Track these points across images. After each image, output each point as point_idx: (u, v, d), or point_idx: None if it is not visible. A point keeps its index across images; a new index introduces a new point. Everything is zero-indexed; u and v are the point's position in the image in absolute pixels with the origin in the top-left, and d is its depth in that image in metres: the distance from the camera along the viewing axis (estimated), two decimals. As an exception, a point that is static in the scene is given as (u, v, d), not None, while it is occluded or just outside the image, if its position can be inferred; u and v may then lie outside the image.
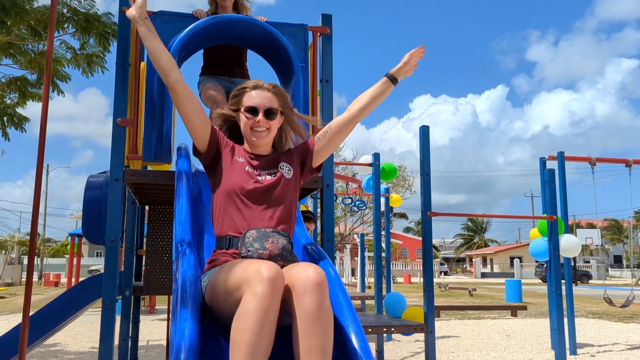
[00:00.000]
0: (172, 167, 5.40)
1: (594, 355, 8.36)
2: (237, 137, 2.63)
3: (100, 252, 57.60)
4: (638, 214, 60.82)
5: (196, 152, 2.50)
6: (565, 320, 7.06)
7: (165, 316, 13.27)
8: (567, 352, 7.22)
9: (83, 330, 11.34)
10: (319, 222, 4.79)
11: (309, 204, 10.24)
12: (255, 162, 2.46)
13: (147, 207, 5.40)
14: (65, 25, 6.94)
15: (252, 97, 2.48)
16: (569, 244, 6.83)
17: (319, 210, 4.15)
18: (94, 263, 48.41)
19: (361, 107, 2.49)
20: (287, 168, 2.47)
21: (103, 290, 3.40)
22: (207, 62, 4.39)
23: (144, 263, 4.86)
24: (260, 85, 2.52)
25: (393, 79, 2.53)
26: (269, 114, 2.46)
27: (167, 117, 3.42)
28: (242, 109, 2.48)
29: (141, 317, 12.43)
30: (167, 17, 3.71)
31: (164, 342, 9.32)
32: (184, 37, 3.46)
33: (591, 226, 47.19)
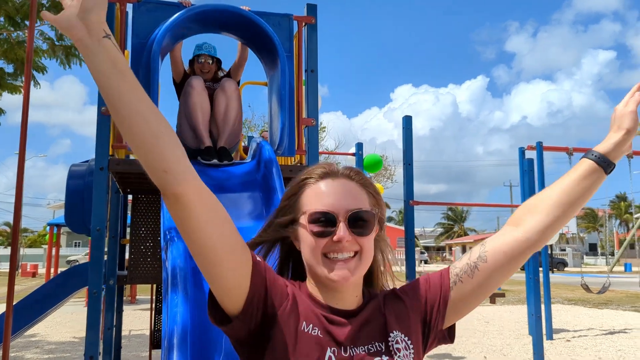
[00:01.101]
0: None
1: (569, 340, 8.59)
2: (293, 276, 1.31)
3: (79, 243, 56.96)
4: (613, 203, 62.13)
5: (218, 314, 1.10)
6: (542, 306, 7.24)
7: (146, 306, 13.24)
8: (544, 337, 7.41)
9: (63, 320, 11.27)
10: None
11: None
12: (340, 332, 1.13)
13: (129, 197, 5.39)
14: (43, 14, 6.81)
15: (323, 194, 1.18)
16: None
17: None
18: (73, 253, 47.89)
19: (550, 223, 1.22)
20: (404, 343, 1.17)
21: (89, 279, 3.41)
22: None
23: (127, 252, 4.86)
24: (335, 171, 1.22)
25: (606, 163, 1.24)
26: (358, 223, 1.15)
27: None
28: (303, 219, 1.16)
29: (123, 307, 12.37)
30: (151, 5, 3.69)
31: (146, 332, 9.33)
32: (170, 25, 3.46)
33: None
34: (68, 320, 11.20)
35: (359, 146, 7.38)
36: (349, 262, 1.12)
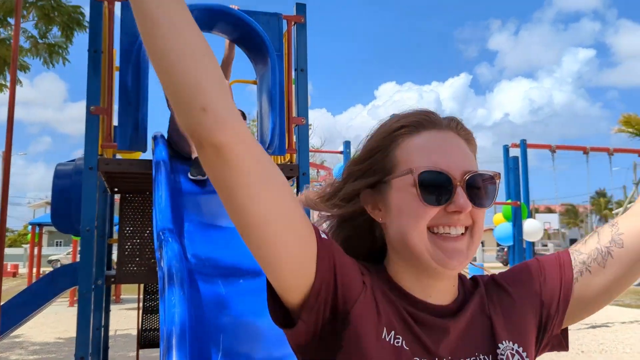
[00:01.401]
0: (141, 155, 5.38)
1: (553, 335, 8.74)
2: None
3: (61, 242, 56.25)
4: (593, 199, 63.11)
5: (280, 313, 0.82)
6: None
7: (131, 305, 13.15)
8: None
9: (47, 321, 11.14)
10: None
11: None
12: (435, 340, 0.83)
13: (116, 196, 5.36)
14: (25, 13, 6.73)
15: (429, 149, 0.87)
16: (532, 229, 7.11)
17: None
18: (54, 253, 47.28)
19: None
20: (518, 357, 0.87)
21: (79, 279, 3.39)
22: None
23: (116, 252, 4.83)
24: (438, 120, 0.91)
25: None
26: (477, 190, 0.86)
27: (143, 105, 3.41)
28: (402, 181, 0.86)
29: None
30: (140, 3, 3.67)
31: (132, 332, 9.28)
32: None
33: (549, 211, 48.83)
34: (52, 321, 11.08)
35: (347, 144, 7.42)
36: (461, 241, 0.83)
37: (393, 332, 0.79)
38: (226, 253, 2.67)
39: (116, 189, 4.77)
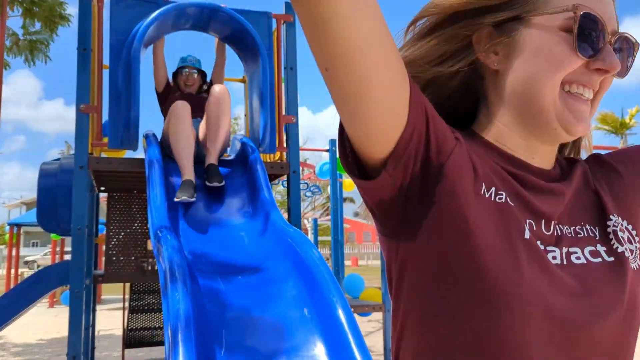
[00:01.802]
0: (126, 153, 5.35)
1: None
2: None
3: (37, 243, 55.29)
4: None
5: (357, 164, 0.69)
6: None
7: (113, 306, 13.03)
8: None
9: (28, 322, 10.98)
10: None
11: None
12: (541, 200, 0.74)
13: (101, 195, 5.33)
14: (8, 9, 6.63)
15: None
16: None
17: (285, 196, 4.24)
18: (31, 254, 46.47)
19: None
20: (628, 233, 0.78)
21: (71, 279, 3.38)
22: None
23: (103, 251, 4.80)
24: None
25: None
26: (622, 54, 0.74)
27: (135, 103, 3.40)
28: (549, 20, 0.71)
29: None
30: (130, 1, 3.66)
31: (115, 332, 9.21)
32: (150, 22, 3.44)
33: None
34: (33, 322, 10.92)
35: (333, 142, 7.46)
36: (587, 107, 0.73)
37: (494, 189, 0.69)
38: (223, 250, 2.69)
39: (102, 188, 4.75)
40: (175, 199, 3.06)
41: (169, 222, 2.61)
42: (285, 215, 3.41)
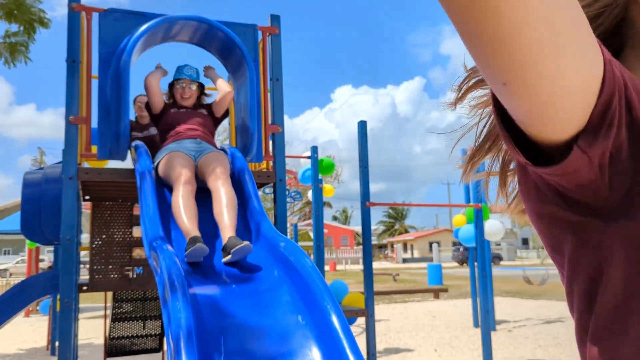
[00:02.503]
0: (108, 164, 5.37)
1: (511, 330, 9.12)
2: None
3: (9, 251, 54.09)
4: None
5: (528, 147, 0.57)
6: (478, 299, 7.69)
7: (90, 314, 12.89)
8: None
9: (5, 331, 10.80)
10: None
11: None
12: None
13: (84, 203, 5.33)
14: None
15: None
16: (494, 229, 7.46)
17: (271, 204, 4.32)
18: (2, 262, 45.42)
19: None
20: None
21: (60, 288, 3.40)
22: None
23: (88, 260, 4.81)
24: None
25: None
26: None
27: (125, 114, 3.44)
28: None
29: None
30: (118, 14, 3.71)
31: (95, 341, 9.16)
32: (140, 35, 3.49)
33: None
34: (10, 332, 10.75)
35: (314, 149, 7.57)
36: None
37: None
38: (215, 260, 2.76)
39: (87, 197, 4.76)
40: (187, 260, 2.70)
41: (163, 232, 2.67)
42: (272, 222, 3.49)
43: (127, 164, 3.95)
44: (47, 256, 27.58)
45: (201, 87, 3.94)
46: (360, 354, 1.91)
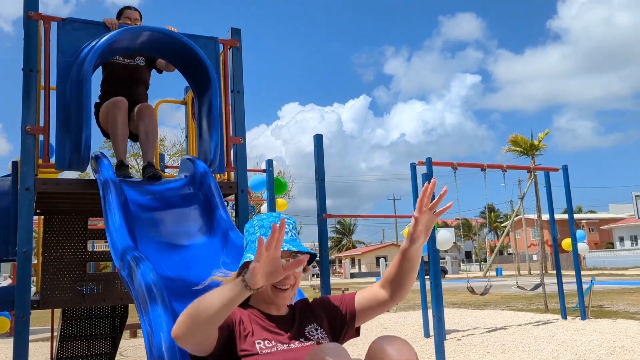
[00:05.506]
0: (60, 174, 5.20)
1: (460, 339, 9.38)
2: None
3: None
4: (483, 214, 67.64)
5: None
6: (430, 310, 7.90)
7: (37, 336, 12.25)
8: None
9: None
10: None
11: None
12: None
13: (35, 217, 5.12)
14: None
15: None
16: (443, 239, 7.71)
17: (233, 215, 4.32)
18: None
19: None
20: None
21: (16, 303, 3.28)
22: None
23: (38, 275, 4.63)
24: None
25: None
26: None
27: (86, 125, 3.38)
28: None
29: (7, 339, 11.40)
30: (78, 24, 3.66)
31: (38, 363, 8.73)
32: (102, 45, 3.46)
33: (446, 225, 51.78)
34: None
35: (269, 163, 7.60)
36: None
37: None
38: (186, 271, 2.74)
39: (38, 211, 4.60)
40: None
41: (131, 242, 2.64)
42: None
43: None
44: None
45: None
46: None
